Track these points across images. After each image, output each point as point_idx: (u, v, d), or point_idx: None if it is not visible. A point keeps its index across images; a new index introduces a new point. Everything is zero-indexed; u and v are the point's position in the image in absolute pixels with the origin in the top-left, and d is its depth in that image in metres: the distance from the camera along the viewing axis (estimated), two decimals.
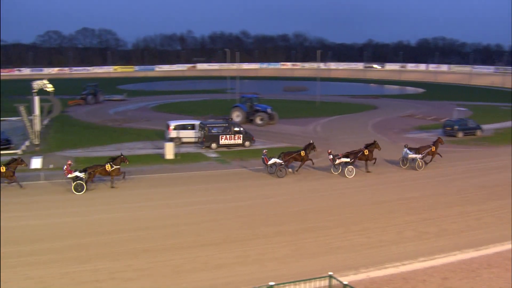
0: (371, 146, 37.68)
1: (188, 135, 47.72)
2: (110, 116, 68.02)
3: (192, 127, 48.09)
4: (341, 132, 55.79)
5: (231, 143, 46.62)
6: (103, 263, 20.60)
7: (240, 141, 46.93)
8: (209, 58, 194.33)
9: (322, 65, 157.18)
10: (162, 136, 49.69)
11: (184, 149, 43.54)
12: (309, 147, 37.38)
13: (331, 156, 36.27)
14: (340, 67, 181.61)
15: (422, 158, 38.37)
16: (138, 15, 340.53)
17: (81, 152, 43.32)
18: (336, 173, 36.19)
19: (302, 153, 36.88)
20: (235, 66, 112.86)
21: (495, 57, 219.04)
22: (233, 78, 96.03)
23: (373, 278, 19.59)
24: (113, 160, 32.80)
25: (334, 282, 16.23)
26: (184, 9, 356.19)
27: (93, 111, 72.75)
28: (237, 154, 42.85)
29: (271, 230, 24.58)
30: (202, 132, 46.32)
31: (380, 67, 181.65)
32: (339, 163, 36.16)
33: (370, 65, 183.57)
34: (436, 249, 22.36)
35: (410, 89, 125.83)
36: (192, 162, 40.27)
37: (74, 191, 30.58)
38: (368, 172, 36.87)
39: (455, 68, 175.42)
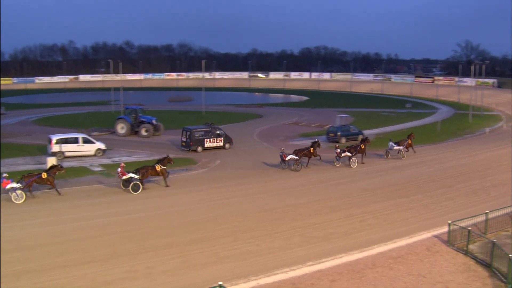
0: (365, 141, 45.14)
1: (71, 149, 46.20)
2: None
3: (75, 140, 46.64)
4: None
5: (214, 145, 50.44)
6: None
7: (221, 144, 51.10)
8: (92, 69, 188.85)
9: (207, 75, 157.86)
10: (44, 150, 47.63)
11: (67, 164, 41.97)
12: (315, 144, 43.05)
13: (338, 150, 43.06)
14: (225, 77, 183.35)
15: (403, 149, 46.57)
16: (15, 25, 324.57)
17: None
18: (338, 165, 42.84)
19: (311, 149, 42.50)
20: (118, 77, 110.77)
21: (374, 65, 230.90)
22: (117, 89, 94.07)
23: (262, 285, 19.90)
24: (160, 161, 35.92)
25: None
26: (65, 18, 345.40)
27: None
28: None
29: (159, 242, 24.28)
30: (188, 137, 49.46)
31: (264, 76, 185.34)
32: (344, 156, 42.96)
33: (255, 74, 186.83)
34: (323, 252, 23.11)
35: (294, 97, 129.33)
36: (76, 176, 38.90)
37: (131, 191, 33.60)
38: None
39: (337, 76, 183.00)
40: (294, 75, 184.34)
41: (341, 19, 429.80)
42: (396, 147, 46.64)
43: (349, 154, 43.00)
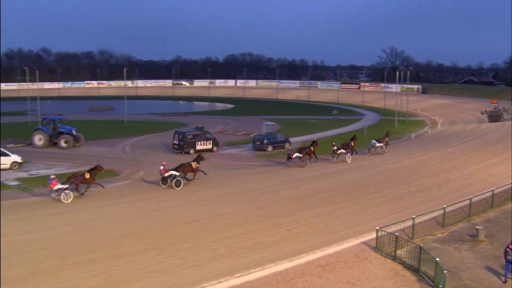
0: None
1: None
2: None
3: None
4: (151, 151, 55.54)
5: (204, 148, 54.36)
6: None
7: (210, 146, 55.40)
8: (7, 77, 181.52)
9: (129, 83, 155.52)
10: None
11: None
12: (314, 144, 48.70)
13: (335, 147, 48.68)
14: (148, 85, 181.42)
15: (384, 146, 53.83)
16: None
17: None
18: (333, 161, 48.27)
19: (312, 148, 47.79)
20: (35, 85, 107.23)
21: (300, 72, 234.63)
22: (33, 98, 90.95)
23: None
24: (195, 160, 40.30)
25: None
26: None
27: None
28: (39, 181, 40.35)
29: (82, 258, 23.54)
30: (181, 140, 53.87)
31: (189, 84, 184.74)
32: (340, 153, 48.64)
33: (179, 82, 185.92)
34: (251, 263, 23.11)
35: (220, 105, 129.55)
36: None
37: (174, 186, 37.52)
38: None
39: (263, 83, 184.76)
40: (219, 82, 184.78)
41: (266, 25, 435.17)
42: (378, 144, 53.66)
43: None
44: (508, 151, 52.69)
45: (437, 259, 20.81)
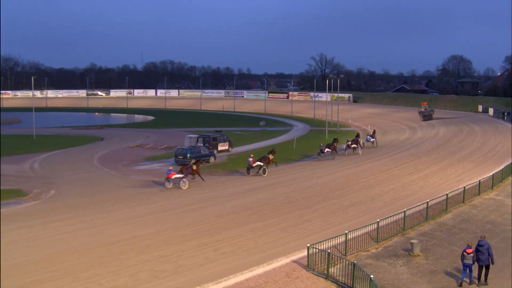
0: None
1: None
2: None
3: None
4: (64, 168, 54.30)
5: (223, 149, 66.59)
6: None
7: (227, 147, 67.57)
8: None
9: (38, 93, 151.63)
10: None
11: None
12: (335, 141, 62.37)
13: (349, 142, 63.54)
14: (60, 95, 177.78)
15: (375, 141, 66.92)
16: None
17: None
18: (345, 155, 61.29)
19: (335, 144, 60.58)
20: None
21: (226, 81, 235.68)
22: None
23: None
24: (270, 152, 52.37)
25: None
26: None
27: None
28: None
29: None
30: (206, 142, 64.59)
31: (104, 94, 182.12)
32: (354, 147, 62.98)
33: (94, 92, 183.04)
34: (173, 287, 22.78)
35: (139, 117, 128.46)
36: None
37: (262, 174, 48.54)
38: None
39: (186, 93, 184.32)
40: (138, 92, 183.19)
41: (188, 31, 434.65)
42: (372, 139, 69.95)
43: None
44: (442, 161, 54.53)
45: (372, 276, 21.14)
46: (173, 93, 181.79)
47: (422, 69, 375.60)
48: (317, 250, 24.99)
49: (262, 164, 49.49)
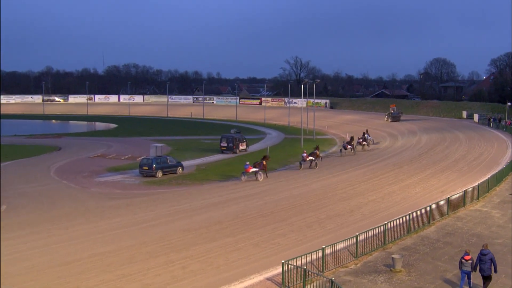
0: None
1: None
2: None
3: None
4: (17, 180, 53.62)
5: (243, 148, 77.96)
6: None
7: (245, 147, 78.89)
8: None
9: None
10: None
11: None
12: (352, 139, 76.35)
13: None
14: (12, 101, 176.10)
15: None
16: None
17: None
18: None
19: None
20: None
21: (194, 86, 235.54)
22: None
23: None
24: (316, 148, 63.77)
25: None
26: None
27: None
28: None
29: None
30: (230, 142, 76.16)
31: (62, 100, 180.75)
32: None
33: (51, 97, 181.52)
34: None
35: (100, 125, 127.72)
36: None
37: (316, 167, 60.24)
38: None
39: (151, 99, 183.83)
40: (99, 98, 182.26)
41: (153, 33, 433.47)
42: (370, 138, 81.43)
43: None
44: (424, 170, 55.09)
45: None
46: (138, 99, 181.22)
47: (403, 73, 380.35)
48: (292, 266, 25.01)
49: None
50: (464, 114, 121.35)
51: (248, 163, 53.78)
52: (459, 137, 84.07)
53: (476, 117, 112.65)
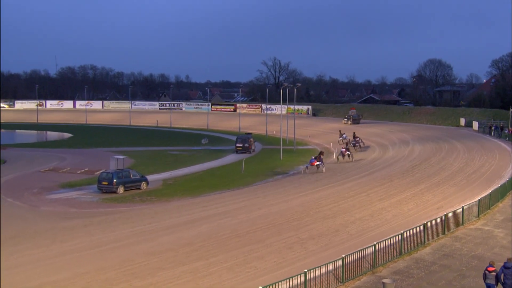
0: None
1: None
2: None
3: None
4: None
5: (253, 148, 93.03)
6: None
7: (254, 147, 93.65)
8: None
9: None
10: None
11: None
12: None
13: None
14: None
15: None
16: None
17: None
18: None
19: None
20: None
21: (160, 91, 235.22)
22: None
23: None
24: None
25: None
26: None
27: None
28: None
29: None
30: (246, 143, 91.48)
31: (8, 106, 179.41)
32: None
33: None
34: None
35: (53, 134, 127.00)
36: None
37: (351, 159, 75.90)
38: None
39: (111, 105, 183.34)
40: (51, 104, 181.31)
41: (112, 31, 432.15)
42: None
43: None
44: (418, 184, 55.30)
45: None
46: (96, 105, 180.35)
47: (393, 76, 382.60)
48: None
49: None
50: (462, 121, 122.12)
51: (313, 157, 69.83)
52: (456, 147, 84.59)
53: (475, 124, 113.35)
